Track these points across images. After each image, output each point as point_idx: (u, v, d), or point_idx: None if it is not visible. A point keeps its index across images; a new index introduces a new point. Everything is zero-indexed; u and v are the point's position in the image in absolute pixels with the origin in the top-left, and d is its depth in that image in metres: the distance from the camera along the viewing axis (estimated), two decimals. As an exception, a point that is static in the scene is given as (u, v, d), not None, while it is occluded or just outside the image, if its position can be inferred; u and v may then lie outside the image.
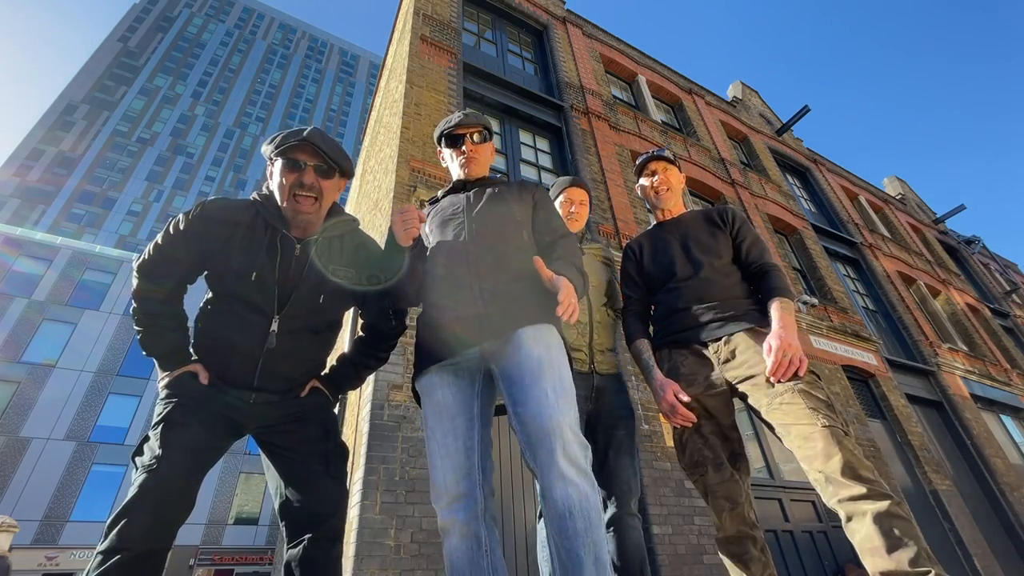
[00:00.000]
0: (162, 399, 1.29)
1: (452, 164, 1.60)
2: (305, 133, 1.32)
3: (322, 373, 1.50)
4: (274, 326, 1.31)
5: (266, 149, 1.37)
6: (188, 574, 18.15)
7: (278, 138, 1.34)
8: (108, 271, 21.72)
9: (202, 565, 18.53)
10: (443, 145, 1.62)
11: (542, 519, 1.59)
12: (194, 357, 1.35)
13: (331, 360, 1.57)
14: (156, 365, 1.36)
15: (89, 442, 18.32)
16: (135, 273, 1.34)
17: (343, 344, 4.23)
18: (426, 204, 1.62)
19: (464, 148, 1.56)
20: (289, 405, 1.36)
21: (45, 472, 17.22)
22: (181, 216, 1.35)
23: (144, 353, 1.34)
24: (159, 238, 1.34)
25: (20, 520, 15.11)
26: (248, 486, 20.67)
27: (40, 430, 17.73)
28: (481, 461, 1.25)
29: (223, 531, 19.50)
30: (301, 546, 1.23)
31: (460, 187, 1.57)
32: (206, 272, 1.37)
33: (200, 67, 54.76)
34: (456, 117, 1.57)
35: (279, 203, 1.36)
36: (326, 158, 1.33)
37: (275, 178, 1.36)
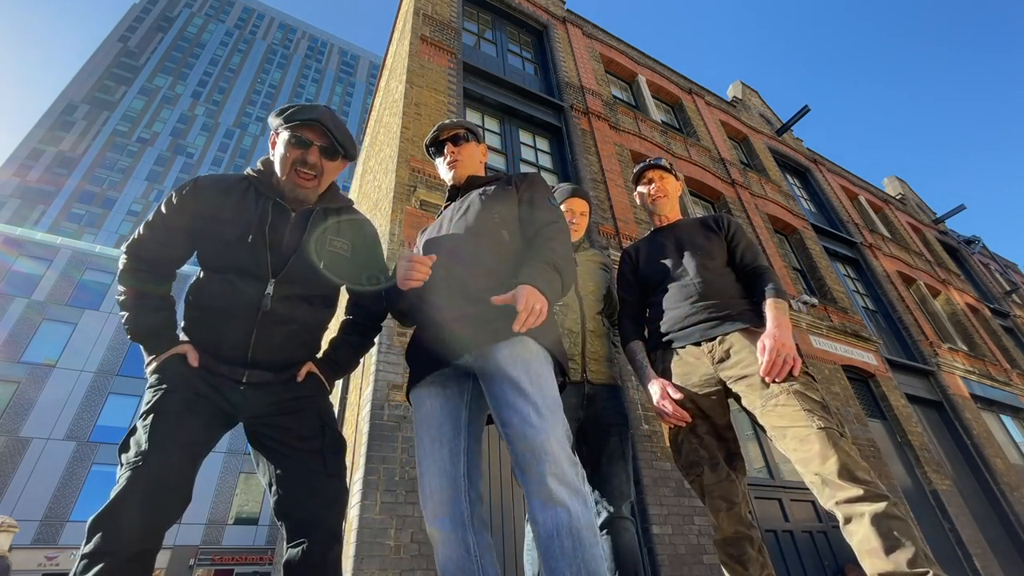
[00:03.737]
0: (150, 386, 1.23)
1: (443, 171, 1.62)
2: (317, 113, 1.31)
3: (317, 356, 1.44)
4: (269, 289, 1.26)
5: (274, 121, 1.34)
6: (188, 574, 18.16)
7: (288, 111, 1.32)
8: (108, 271, 21.68)
9: (202, 565, 18.52)
10: (433, 156, 1.65)
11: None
12: (184, 338, 1.29)
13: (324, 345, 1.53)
14: (143, 350, 1.27)
15: (89, 442, 18.31)
16: (124, 254, 1.29)
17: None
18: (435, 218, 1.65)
19: (445, 152, 1.59)
20: (283, 391, 1.30)
21: (45, 472, 17.21)
22: (173, 192, 1.32)
23: (129, 337, 1.28)
24: (150, 216, 1.31)
25: (20, 520, 15.11)
26: (248, 486, 20.66)
27: (40, 430, 17.72)
28: (467, 468, 1.24)
29: (223, 531, 19.49)
30: (300, 547, 1.20)
31: (454, 193, 1.59)
32: (198, 249, 1.32)
33: (200, 67, 54.71)
34: (436, 127, 1.62)
35: (278, 174, 1.35)
36: (334, 140, 1.33)
37: (278, 149, 1.34)
